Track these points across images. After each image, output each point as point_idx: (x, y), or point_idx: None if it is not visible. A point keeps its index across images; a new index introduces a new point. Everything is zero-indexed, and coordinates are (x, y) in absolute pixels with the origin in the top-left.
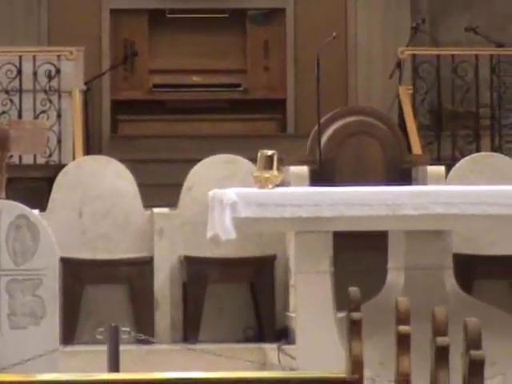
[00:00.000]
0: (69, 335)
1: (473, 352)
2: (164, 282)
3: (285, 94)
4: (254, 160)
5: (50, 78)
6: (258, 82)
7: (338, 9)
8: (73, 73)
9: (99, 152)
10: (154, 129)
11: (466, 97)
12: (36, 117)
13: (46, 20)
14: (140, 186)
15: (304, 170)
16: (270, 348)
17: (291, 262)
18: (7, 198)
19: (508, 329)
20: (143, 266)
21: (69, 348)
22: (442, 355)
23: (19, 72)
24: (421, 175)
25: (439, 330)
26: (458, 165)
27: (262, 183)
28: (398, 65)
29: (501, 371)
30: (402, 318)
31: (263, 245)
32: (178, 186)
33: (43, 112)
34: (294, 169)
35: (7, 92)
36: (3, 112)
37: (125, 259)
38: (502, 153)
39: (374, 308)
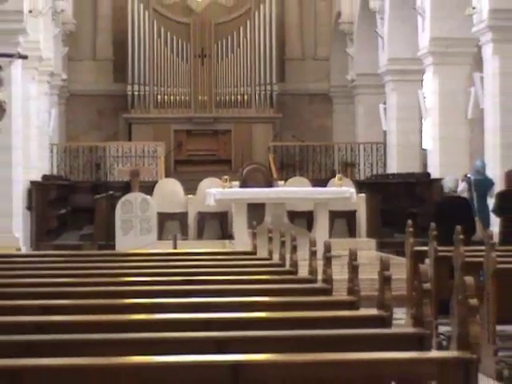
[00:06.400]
0: (159, 237)
1: (293, 242)
2: (189, 219)
3: (231, 157)
4: (221, 179)
5: (150, 152)
6: (225, 153)
7: (248, 131)
8: (160, 151)
9: (170, 176)
10: (190, 169)
11: (293, 158)
12: (149, 165)
13: (152, 133)
14: (184, 188)
15: (237, 183)
16: (227, 242)
17: (234, 214)
18: (139, 191)
19: (303, 234)
20: (181, 216)
21: (159, 242)
22: (284, 244)
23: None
24: (276, 185)
25: (282, 235)
26: (288, 180)
27: (223, 187)
28: (269, 148)
29: (301, 250)
30: (270, 231)
31: (223, 207)
32: (194, 189)
33: (151, 164)
34: (234, 183)
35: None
36: (136, 165)
37: (177, 212)
38: (303, 176)
39: (261, 228)
